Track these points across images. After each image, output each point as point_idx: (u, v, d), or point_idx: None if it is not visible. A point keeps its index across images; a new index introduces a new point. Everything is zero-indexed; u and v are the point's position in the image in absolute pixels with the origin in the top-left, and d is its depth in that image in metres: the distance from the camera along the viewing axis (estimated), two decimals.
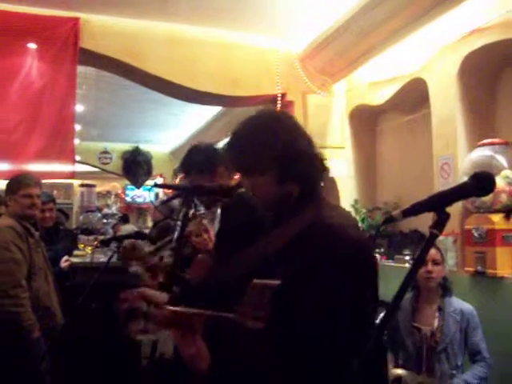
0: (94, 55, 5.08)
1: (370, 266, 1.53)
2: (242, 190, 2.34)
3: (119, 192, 12.18)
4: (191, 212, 2.67)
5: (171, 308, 1.38)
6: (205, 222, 2.76)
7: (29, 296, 3.33)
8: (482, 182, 1.33)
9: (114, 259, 3.44)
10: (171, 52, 5.30)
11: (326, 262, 1.44)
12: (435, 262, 3.18)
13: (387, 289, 1.32)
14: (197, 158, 2.64)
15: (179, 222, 2.30)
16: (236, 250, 1.66)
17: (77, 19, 4.94)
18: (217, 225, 2.75)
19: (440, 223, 1.31)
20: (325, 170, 1.70)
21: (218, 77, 5.46)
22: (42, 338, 3.34)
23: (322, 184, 1.67)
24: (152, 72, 5.24)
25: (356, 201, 5.61)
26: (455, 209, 3.99)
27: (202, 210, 2.95)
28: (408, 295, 3.30)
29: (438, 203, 1.33)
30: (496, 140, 3.90)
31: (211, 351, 1.44)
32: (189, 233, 2.70)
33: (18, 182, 3.54)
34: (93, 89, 7.12)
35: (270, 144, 1.59)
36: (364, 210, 5.49)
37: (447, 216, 1.31)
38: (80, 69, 5.15)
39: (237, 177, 2.55)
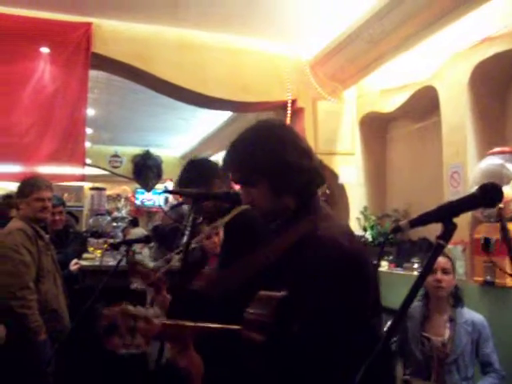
0: (106, 60, 5.11)
1: (364, 274, 1.53)
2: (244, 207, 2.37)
3: (129, 195, 12.21)
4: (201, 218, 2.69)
5: (161, 321, 1.41)
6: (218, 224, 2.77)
7: (37, 298, 3.35)
8: (489, 192, 1.33)
9: (123, 263, 3.46)
10: (181, 57, 5.32)
11: (318, 272, 1.45)
12: (445, 271, 3.16)
13: (396, 296, 1.32)
14: (192, 173, 2.64)
15: (188, 227, 2.32)
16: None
17: (89, 24, 4.99)
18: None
19: (447, 234, 1.31)
20: (323, 181, 1.73)
21: (228, 82, 5.47)
22: (48, 340, 3.36)
23: (327, 192, 1.70)
24: (162, 77, 5.27)
25: (365, 208, 5.60)
26: (464, 218, 3.96)
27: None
28: (418, 303, 3.29)
29: (445, 214, 1.33)
30: (506, 149, 3.88)
31: (208, 361, 1.47)
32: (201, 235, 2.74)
33: (30, 186, 3.57)
34: (104, 93, 7.17)
35: (256, 156, 1.64)
36: (373, 218, 5.48)
37: (454, 227, 1.31)
38: (92, 73, 5.19)
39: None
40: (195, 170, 2.69)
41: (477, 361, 3.12)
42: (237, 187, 2.52)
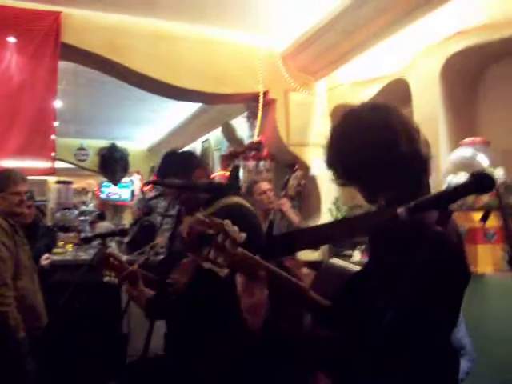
0: (76, 50, 5.01)
1: (459, 271, 1.54)
2: (228, 201, 2.35)
3: (95, 189, 12.07)
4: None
5: (244, 250, 1.38)
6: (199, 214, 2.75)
7: (14, 295, 3.28)
8: (483, 180, 1.36)
9: (97, 257, 3.42)
10: (153, 48, 5.26)
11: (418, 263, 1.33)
12: None
13: None
14: (173, 164, 2.60)
15: (169, 219, 2.31)
16: None
17: (58, 13, 4.87)
18: None
19: (444, 220, 1.35)
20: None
21: (201, 74, 5.44)
22: (26, 338, 3.29)
23: (301, 183, 1.69)
24: (133, 68, 5.20)
25: (337, 198, 5.65)
26: None
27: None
28: None
29: (440, 201, 1.36)
30: (477, 139, 3.97)
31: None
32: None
33: (5, 179, 3.49)
34: (71, 84, 7.04)
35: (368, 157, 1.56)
36: (345, 208, 5.53)
37: (450, 213, 1.34)
38: (59, 64, 5.08)
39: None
40: (175, 161, 2.66)
41: None
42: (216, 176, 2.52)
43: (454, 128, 4.26)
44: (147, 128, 10.47)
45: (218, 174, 7.50)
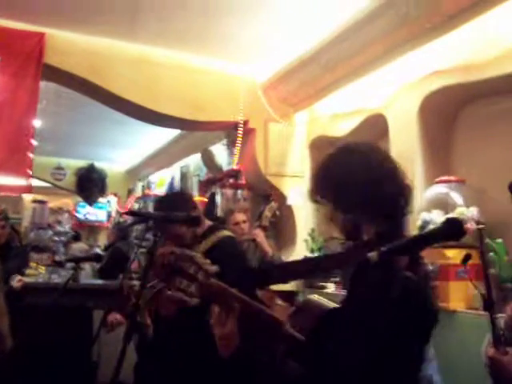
0: (58, 72, 5.03)
1: (424, 312, 1.56)
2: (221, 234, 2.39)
3: (71, 209, 11.94)
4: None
5: (218, 282, 1.40)
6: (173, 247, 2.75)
7: None
8: (453, 227, 1.39)
9: (71, 281, 3.39)
10: (135, 73, 5.29)
11: (381, 301, 1.41)
12: None
13: None
14: (175, 203, 2.61)
15: (142, 250, 2.32)
16: None
17: (42, 34, 4.89)
18: None
19: (413, 266, 1.37)
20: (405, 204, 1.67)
21: (181, 100, 5.47)
22: None
23: (276, 214, 1.74)
24: (115, 92, 5.22)
25: (313, 229, 5.66)
26: None
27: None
28: None
29: (411, 247, 1.39)
30: (452, 178, 4.03)
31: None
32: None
33: None
34: (51, 104, 7.00)
35: (351, 184, 1.60)
36: (321, 240, 5.55)
37: (420, 258, 1.37)
38: (41, 83, 5.08)
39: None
40: (176, 201, 2.69)
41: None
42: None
43: (429, 165, 4.32)
44: (126, 150, 10.44)
45: (196, 199, 7.48)
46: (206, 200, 6.60)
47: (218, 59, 5.51)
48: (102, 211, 12.05)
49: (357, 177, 1.58)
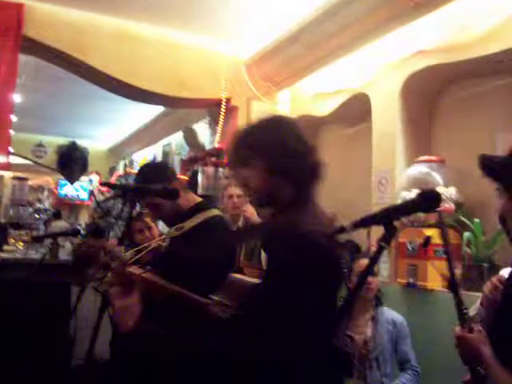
0: (38, 45, 4.92)
1: (333, 275, 1.59)
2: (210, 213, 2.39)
3: (52, 187, 11.84)
4: (134, 212, 2.65)
5: (131, 269, 1.42)
6: (148, 219, 2.74)
7: None
8: (429, 199, 1.39)
9: (47, 256, 3.36)
10: (118, 48, 5.22)
11: (290, 266, 1.49)
12: (373, 274, 3.29)
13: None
14: (150, 174, 2.58)
15: (120, 222, 2.30)
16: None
17: (21, 5, 4.78)
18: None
19: (388, 236, 1.37)
20: (321, 178, 1.76)
21: (163, 76, 5.41)
22: None
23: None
24: (96, 66, 5.14)
25: None
26: None
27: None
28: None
29: (387, 217, 1.39)
30: (432, 157, 4.05)
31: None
32: (133, 230, 2.68)
33: None
34: (32, 79, 6.90)
35: (258, 135, 1.72)
36: None
37: (395, 230, 1.37)
38: (20, 57, 4.97)
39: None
40: (152, 172, 2.66)
41: (395, 358, 3.26)
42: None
43: (410, 145, 4.33)
44: (108, 128, 10.35)
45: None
46: (187, 179, 6.56)
47: (201, 35, 5.45)
48: (83, 189, 11.96)
49: (288, 143, 1.67)
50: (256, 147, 1.69)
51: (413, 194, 3.83)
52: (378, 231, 1.38)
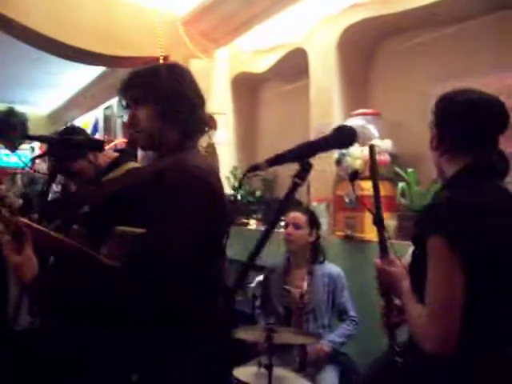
0: None
1: (214, 202, 1.63)
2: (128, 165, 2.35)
3: None
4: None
5: (24, 220, 1.40)
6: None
7: None
8: (343, 134, 1.39)
9: None
10: (51, 5, 4.99)
11: (174, 192, 1.53)
12: (296, 226, 3.31)
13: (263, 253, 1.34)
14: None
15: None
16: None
17: None
18: None
19: (303, 173, 1.35)
20: (208, 129, 1.83)
21: (99, 35, 5.23)
22: None
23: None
24: (31, 26, 4.90)
25: (235, 167, 5.65)
26: (329, 176, 4.14)
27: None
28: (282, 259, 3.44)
29: (302, 154, 1.37)
30: (368, 111, 4.08)
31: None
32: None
33: None
34: None
35: (151, 76, 1.74)
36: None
37: (310, 166, 1.35)
38: None
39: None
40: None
41: (334, 309, 3.32)
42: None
43: (347, 99, 4.35)
44: (47, 92, 10.00)
45: (120, 141, 7.32)
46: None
47: None
48: (24, 157, 11.61)
49: (185, 94, 1.72)
50: (153, 90, 1.71)
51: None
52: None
